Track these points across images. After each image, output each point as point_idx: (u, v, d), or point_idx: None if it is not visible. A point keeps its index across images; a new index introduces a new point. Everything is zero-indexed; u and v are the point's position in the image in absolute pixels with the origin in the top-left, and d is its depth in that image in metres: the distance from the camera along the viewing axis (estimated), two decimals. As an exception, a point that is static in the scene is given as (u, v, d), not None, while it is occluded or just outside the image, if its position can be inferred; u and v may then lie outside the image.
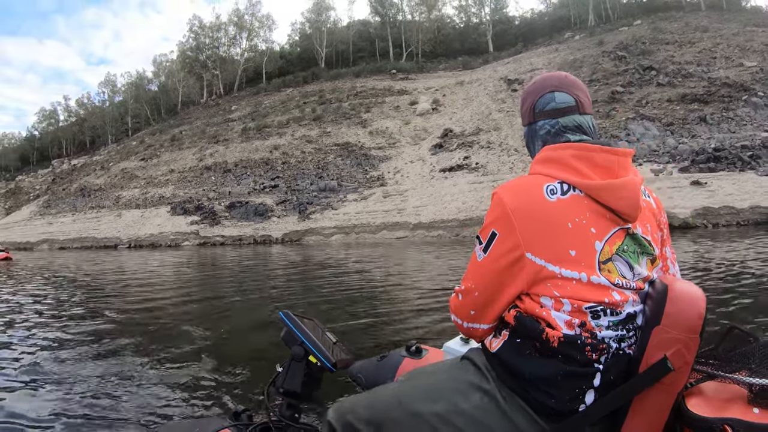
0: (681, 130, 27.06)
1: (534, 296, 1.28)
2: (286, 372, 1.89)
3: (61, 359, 4.78)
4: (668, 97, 30.30)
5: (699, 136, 25.86)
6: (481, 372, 1.36)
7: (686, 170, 23.26)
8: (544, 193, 1.28)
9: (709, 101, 28.68)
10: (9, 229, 50.42)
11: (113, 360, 4.69)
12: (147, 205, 42.35)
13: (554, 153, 1.36)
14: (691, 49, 35.81)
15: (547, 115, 1.46)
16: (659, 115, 28.78)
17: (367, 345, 4.83)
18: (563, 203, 1.26)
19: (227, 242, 32.30)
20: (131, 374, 4.14)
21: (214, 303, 8.39)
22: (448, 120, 40.73)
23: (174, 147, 53.43)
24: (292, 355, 1.88)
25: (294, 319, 1.92)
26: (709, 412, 1.13)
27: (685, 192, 21.13)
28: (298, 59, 78.94)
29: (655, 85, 32.29)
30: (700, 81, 31.05)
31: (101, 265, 18.87)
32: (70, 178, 61.44)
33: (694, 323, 1.15)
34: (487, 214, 1.36)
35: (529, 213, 1.26)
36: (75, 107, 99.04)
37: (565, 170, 1.31)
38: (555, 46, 50.09)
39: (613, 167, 1.31)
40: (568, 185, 1.29)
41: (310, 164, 40.04)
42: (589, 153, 1.32)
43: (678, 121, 27.81)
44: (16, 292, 10.91)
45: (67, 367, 4.52)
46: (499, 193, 1.34)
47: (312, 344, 1.86)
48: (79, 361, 4.66)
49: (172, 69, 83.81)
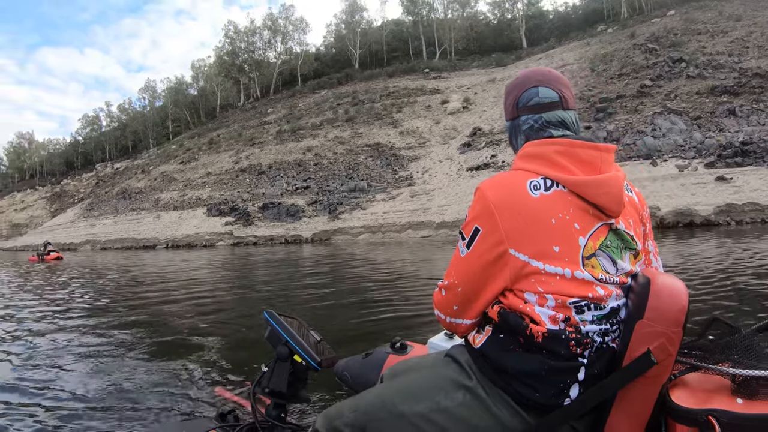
0: (708, 123, 26.28)
1: (518, 292, 1.29)
2: (272, 372, 1.91)
3: (58, 350, 5.08)
4: (697, 89, 29.45)
5: (727, 130, 25.01)
6: (463, 369, 1.37)
7: (712, 165, 22.51)
8: (528, 189, 1.28)
9: (740, 93, 27.74)
10: (54, 231, 52.61)
11: (101, 358, 4.72)
12: (184, 206, 43.55)
13: (537, 148, 1.36)
14: (723, 39, 34.66)
15: (530, 110, 1.46)
16: (687, 108, 28.00)
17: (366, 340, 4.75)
18: (547, 199, 1.27)
19: (259, 242, 32.93)
20: (117, 376, 4.11)
21: (205, 302, 8.45)
22: (477, 118, 40.53)
23: (211, 150, 54.56)
24: (277, 355, 1.91)
25: (278, 319, 1.95)
26: (693, 403, 1.14)
27: (708, 188, 20.50)
28: (333, 61, 78.96)
29: (685, 78, 31.41)
30: (731, 72, 30.06)
31: (132, 263, 19.59)
32: (113, 182, 63.43)
33: (677, 317, 1.16)
34: (470, 210, 1.37)
35: (513, 209, 1.27)
36: (117, 113, 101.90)
37: (548, 166, 1.31)
38: (587, 40, 49.09)
39: (596, 163, 1.32)
40: (551, 181, 1.29)
41: (341, 165, 40.46)
42: (573, 149, 1.32)
43: (706, 114, 27.03)
44: (66, 287, 11.88)
45: (60, 360, 4.70)
46: (482, 188, 1.35)
47: (297, 343, 1.88)
48: (71, 357, 4.79)
49: (209, 73, 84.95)
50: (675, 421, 1.17)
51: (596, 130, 29.04)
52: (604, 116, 30.69)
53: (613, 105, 31.58)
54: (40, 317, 7.42)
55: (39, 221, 67.82)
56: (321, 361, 1.89)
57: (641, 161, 24.91)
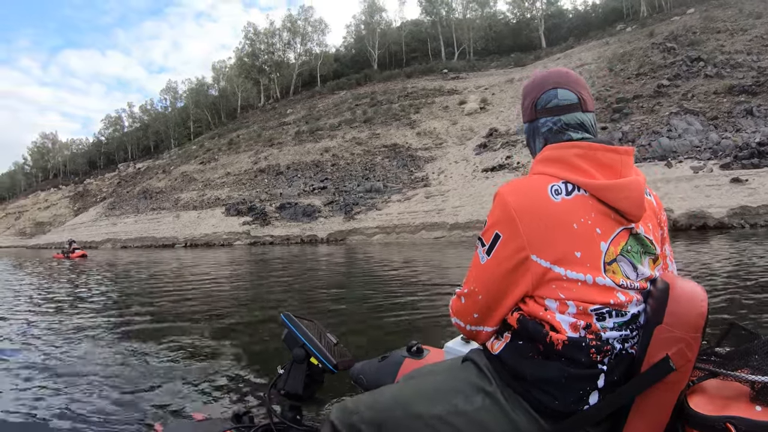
0: (725, 124, 25.79)
1: (538, 298, 1.27)
2: (288, 374, 1.91)
3: (77, 348, 5.26)
4: (715, 89, 28.95)
5: (744, 130, 24.53)
6: (483, 373, 1.35)
7: (728, 167, 22.01)
8: (549, 194, 1.26)
9: (758, 92, 27.17)
10: (76, 229, 53.61)
11: (119, 357, 4.80)
12: (203, 206, 44.10)
13: (558, 152, 1.34)
14: (742, 38, 34.03)
15: (549, 112, 1.43)
16: (704, 108, 27.54)
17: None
18: (568, 204, 1.25)
19: (276, 242, 33.25)
20: (133, 375, 4.17)
21: (222, 302, 8.60)
22: (494, 119, 40.38)
23: (231, 151, 55.17)
24: (293, 357, 1.90)
25: (295, 321, 1.95)
26: (711, 410, 1.12)
27: (723, 190, 20.08)
28: (352, 61, 79.12)
29: (703, 77, 30.90)
30: (749, 71, 29.48)
31: (153, 261, 19.93)
32: (134, 181, 64.35)
33: (696, 322, 1.14)
34: (490, 215, 1.34)
35: (534, 214, 1.24)
36: (139, 113, 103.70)
37: (569, 170, 1.29)
38: (606, 39, 48.54)
39: (616, 166, 1.30)
40: (572, 185, 1.27)
41: (358, 166, 40.65)
42: (594, 152, 1.30)
43: (723, 114, 26.54)
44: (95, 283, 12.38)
45: (77, 357, 4.88)
46: (502, 193, 1.31)
47: (313, 346, 1.88)
48: (93, 353, 4.96)
49: (230, 75, 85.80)
50: (692, 428, 1.14)
51: (612, 131, 28.75)
52: (620, 117, 30.38)
53: (629, 105, 31.22)
54: (60, 312, 7.75)
55: (62, 220, 69.13)
56: (337, 363, 1.87)
57: (656, 162, 24.56)
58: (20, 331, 6.38)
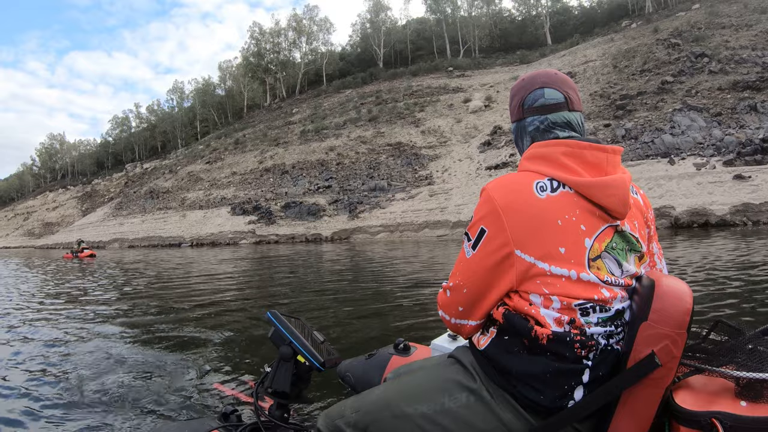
0: (729, 120, 25.63)
1: (523, 293, 1.29)
2: (275, 372, 1.90)
3: (64, 343, 5.28)
4: (719, 85, 28.76)
5: (747, 126, 24.40)
6: (467, 371, 1.36)
7: (731, 163, 21.89)
8: (534, 190, 1.28)
9: (762, 88, 26.98)
10: (84, 229, 53.98)
11: (104, 354, 4.74)
12: (209, 205, 44.27)
13: (544, 150, 1.35)
14: (747, 33, 33.75)
15: (536, 111, 1.45)
16: (708, 104, 27.37)
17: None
18: (553, 200, 1.27)
19: (281, 240, 33.39)
20: (119, 374, 4.09)
21: (210, 300, 8.48)
22: (499, 117, 40.26)
23: (237, 150, 55.26)
24: (280, 355, 1.90)
25: (281, 319, 1.94)
26: (697, 405, 1.14)
27: (726, 187, 20.01)
28: (358, 60, 79.26)
29: (707, 73, 30.68)
30: (753, 66, 29.24)
31: (159, 260, 20.08)
32: (141, 182, 64.59)
33: (682, 319, 1.16)
34: (476, 211, 1.36)
35: (519, 210, 1.26)
36: (146, 114, 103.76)
37: (555, 167, 1.31)
38: (611, 36, 48.29)
39: (602, 164, 1.31)
40: (557, 182, 1.29)
41: (363, 164, 40.69)
42: (580, 150, 1.32)
43: (726, 110, 26.35)
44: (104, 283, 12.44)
45: (63, 354, 4.87)
46: (488, 189, 1.33)
47: (300, 344, 1.87)
48: (77, 352, 4.88)
49: (236, 74, 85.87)
50: (679, 423, 1.16)
51: (615, 128, 28.68)
52: (624, 114, 30.27)
53: (633, 102, 31.08)
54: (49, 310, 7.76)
55: (70, 220, 69.42)
56: (324, 361, 1.87)
57: (659, 159, 24.53)
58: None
